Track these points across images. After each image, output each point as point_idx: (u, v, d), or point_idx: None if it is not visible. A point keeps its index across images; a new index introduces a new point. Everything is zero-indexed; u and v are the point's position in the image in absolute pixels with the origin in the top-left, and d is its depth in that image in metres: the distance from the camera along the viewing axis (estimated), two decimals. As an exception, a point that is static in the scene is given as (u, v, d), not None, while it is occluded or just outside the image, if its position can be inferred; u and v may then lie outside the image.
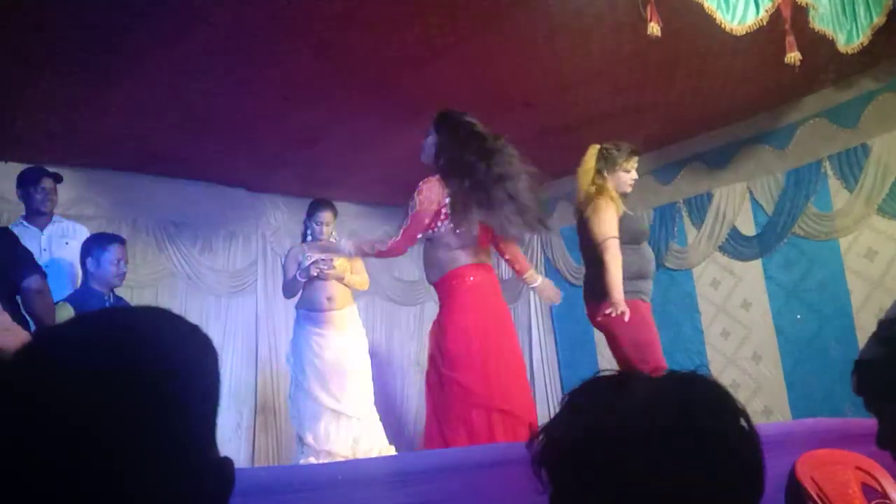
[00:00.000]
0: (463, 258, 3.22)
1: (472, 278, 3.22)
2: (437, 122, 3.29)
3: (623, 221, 3.41)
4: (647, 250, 3.55)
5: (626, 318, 3.22)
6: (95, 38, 3.59)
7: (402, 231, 3.18)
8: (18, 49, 3.62)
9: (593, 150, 3.54)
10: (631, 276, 3.36)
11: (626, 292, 3.28)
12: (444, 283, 3.25)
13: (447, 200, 3.14)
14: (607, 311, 3.27)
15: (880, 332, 1.04)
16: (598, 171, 3.48)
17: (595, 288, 3.39)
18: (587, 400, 0.80)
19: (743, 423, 0.76)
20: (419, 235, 3.20)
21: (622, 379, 0.81)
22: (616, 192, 3.46)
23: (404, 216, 3.23)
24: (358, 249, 3.38)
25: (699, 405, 0.75)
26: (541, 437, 0.80)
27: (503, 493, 1.84)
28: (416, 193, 3.18)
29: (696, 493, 0.71)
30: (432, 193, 3.15)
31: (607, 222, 3.36)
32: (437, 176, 3.19)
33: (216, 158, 5.37)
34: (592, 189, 3.46)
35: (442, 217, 3.17)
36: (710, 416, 0.74)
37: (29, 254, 3.17)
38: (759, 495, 0.76)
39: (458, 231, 3.16)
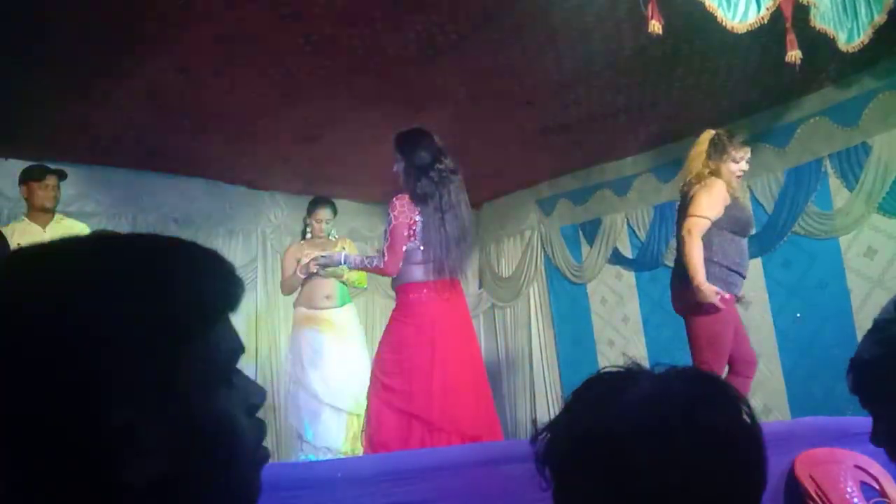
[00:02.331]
0: (419, 274, 3.29)
1: (422, 294, 3.29)
2: (397, 147, 3.37)
3: (730, 210, 3.34)
4: (739, 245, 3.40)
5: (718, 303, 3.17)
6: (96, 36, 3.59)
7: (387, 250, 3.26)
8: (19, 46, 3.62)
9: (707, 135, 3.47)
10: (727, 267, 3.30)
11: (720, 281, 3.25)
12: (398, 294, 3.37)
13: (418, 218, 3.25)
14: (696, 300, 3.19)
15: (875, 332, 1.05)
16: (708, 157, 3.40)
17: (679, 271, 3.34)
18: (590, 396, 0.80)
19: (746, 417, 0.76)
20: (404, 247, 3.26)
21: (626, 375, 0.80)
22: (730, 180, 3.37)
23: (384, 236, 3.31)
24: (358, 264, 3.49)
25: (701, 400, 0.75)
26: (545, 435, 0.80)
27: (502, 491, 1.84)
28: (390, 209, 3.27)
29: (699, 486, 0.71)
30: (405, 208, 3.25)
31: (707, 203, 3.28)
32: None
33: (217, 155, 5.38)
34: (706, 171, 3.37)
35: (410, 233, 3.26)
36: (712, 411, 0.74)
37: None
38: (761, 489, 0.76)
39: (422, 248, 3.27)
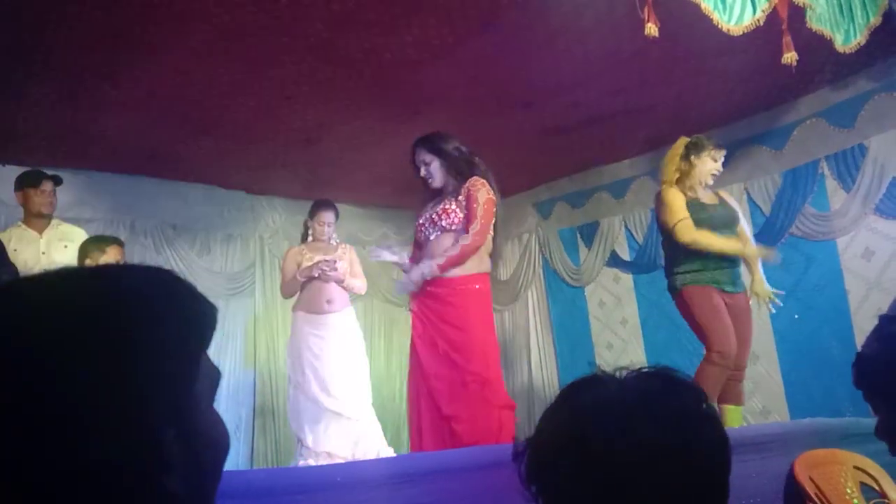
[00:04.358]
0: (486, 264, 3.34)
1: (486, 285, 3.34)
2: (429, 148, 3.39)
3: (690, 208, 3.51)
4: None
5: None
6: (94, 40, 3.59)
7: (481, 222, 3.21)
8: (17, 50, 3.62)
9: (682, 141, 3.64)
10: (693, 267, 3.49)
11: (695, 279, 3.47)
12: (468, 283, 3.27)
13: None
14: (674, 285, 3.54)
15: (879, 329, 1.07)
16: (686, 158, 3.57)
17: (668, 271, 3.62)
18: (557, 405, 0.84)
19: (704, 405, 0.80)
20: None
21: (591, 380, 0.84)
22: (695, 181, 3.56)
23: (465, 210, 3.26)
24: (439, 269, 3.22)
25: (656, 389, 0.79)
26: (525, 453, 0.83)
27: (501, 494, 1.84)
28: (474, 189, 3.25)
29: (660, 466, 0.74)
30: (487, 187, 3.28)
31: (672, 209, 3.51)
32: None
33: (214, 160, 5.37)
34: (675, 174, 3.59)
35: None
36: (666, 397, 0.78)
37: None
38: (725, 470, 0.79)
39: (492, 235, 3.33)
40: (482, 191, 3.26)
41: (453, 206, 3.29)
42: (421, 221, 3.42)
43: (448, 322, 3.25)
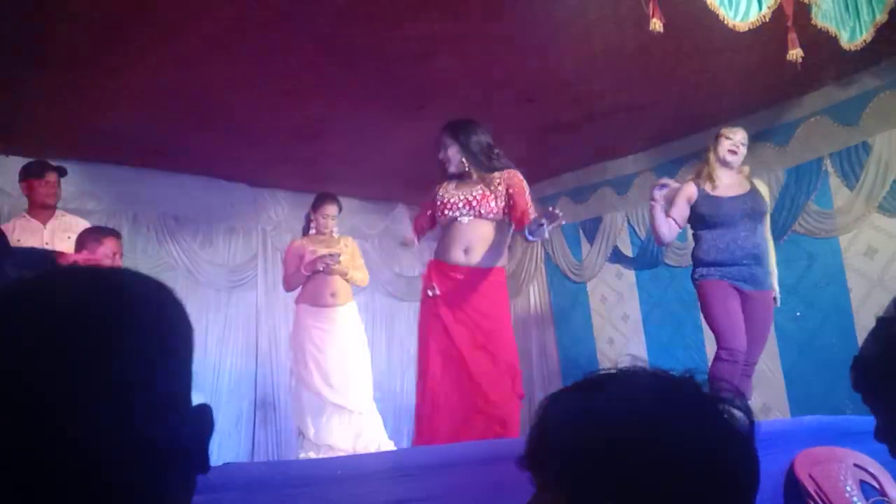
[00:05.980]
0: (505, 259, 3.38)
1: (505, 278, 3.40)
2: (451, 133, 3.37)
3: (699, 207, 3.55)
4: (727, 236, 3.49)
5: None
6: (98, 32, 3.59)
7: (530, 206, 3.22)
8: (20, 42, 3.62)
9: None
10: (709, 263, 3.52)
11: (710, 274, 3.51)
12: (498, 274, 3.31)
13: None
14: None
15: (877, 330, 1.06)
16: (708, 148, 3.69)
17: (693, 263, 3.67)
18: (587, 388, 0.82)
19: (736, 422, 0.76)
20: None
21: (606, 376, 0.82)
22: (712, 165, 3.60)
23: (509, 200, 3.24)
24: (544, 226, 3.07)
25: (695, 394, 0.76)
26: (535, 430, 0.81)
27: (503, 488, 1.84)
28: (519, 180, 3.26)
29: (681, 473, 0.71)
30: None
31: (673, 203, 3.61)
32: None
33: (217, 153, 5.38)
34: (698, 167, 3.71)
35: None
36: (706, 405, 0.74)
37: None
38: (753, 484, 0.75)
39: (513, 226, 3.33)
40: (524, 183, 3.28)
41: (492, 195, 3.27)
42: (452, 201, 3.31)
43: (481, 311, 3.23)
